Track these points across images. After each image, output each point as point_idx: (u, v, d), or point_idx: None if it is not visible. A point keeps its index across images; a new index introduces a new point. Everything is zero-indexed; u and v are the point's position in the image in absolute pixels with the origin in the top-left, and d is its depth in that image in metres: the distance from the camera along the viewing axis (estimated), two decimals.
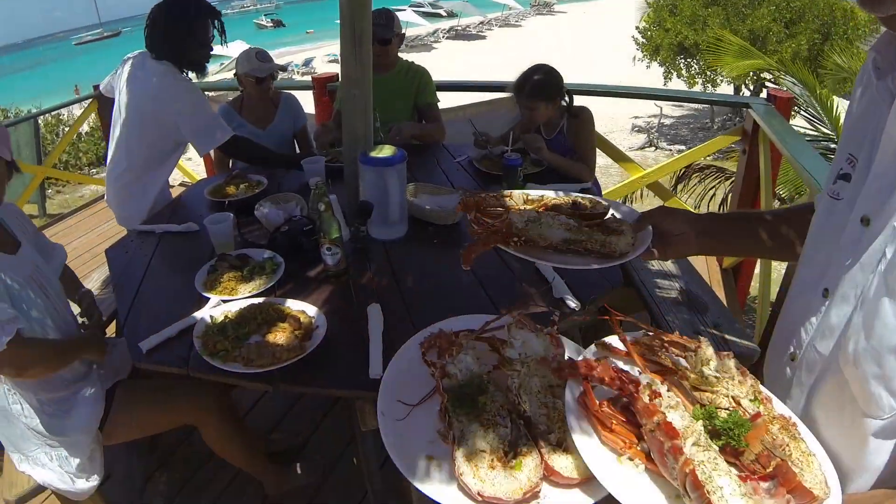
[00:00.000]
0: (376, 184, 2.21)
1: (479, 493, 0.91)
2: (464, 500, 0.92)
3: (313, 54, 34.61)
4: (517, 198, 1.28)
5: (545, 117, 2.97)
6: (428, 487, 0.95)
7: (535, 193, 1.31)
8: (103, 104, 5.94)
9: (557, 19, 40.48)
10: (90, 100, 6.11)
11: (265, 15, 71.08)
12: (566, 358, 1.12)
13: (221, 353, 1.71)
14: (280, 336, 1.74)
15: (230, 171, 3.35)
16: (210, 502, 2.49)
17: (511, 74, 3.05)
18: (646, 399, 0.94)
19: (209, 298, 2.00)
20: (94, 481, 2.01)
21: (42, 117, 9.02)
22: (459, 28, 38.34)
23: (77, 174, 7.66)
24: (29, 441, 1.95)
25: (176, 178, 6.26)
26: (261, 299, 1.94)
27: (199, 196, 2.92)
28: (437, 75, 3.61)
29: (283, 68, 3.54)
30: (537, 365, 1.09)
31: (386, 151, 2.20)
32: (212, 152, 3.11)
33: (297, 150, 3.69)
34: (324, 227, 1.98)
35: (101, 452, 2.04)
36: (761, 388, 1.03)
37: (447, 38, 36.68)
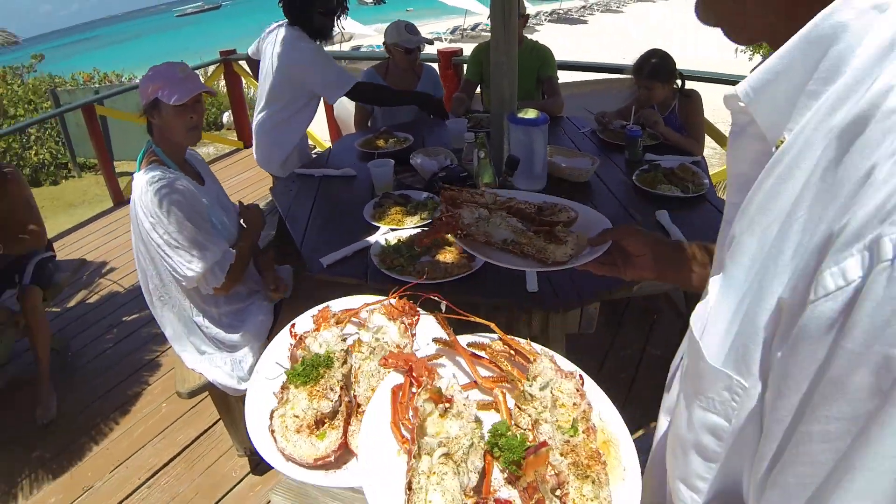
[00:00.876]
0: (522, 141, 2.49)
1: (281, 450, 0.99)
2: (273, 452, 1.00)
3: None
4: (487, 197, 1.34)
5: (661, 97, 3.22)
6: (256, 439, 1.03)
7: (505, 194, 1.36)
8: (228, 69, 6.65)
9: (658, 6, 39.32)
10: (216, 65, 6.70)
11: None
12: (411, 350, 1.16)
13: (398, 268, 2.03)
14: (449, 255, 2.05)
15: (370, 130, 3.72)
16: None
17: (613, 58, 3.31)
18: (416, 398, 0.95)
19: (378, 227, 2.35)
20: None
21: None
22: (561, 11, 37.86)
23: (210, 134, 8.36)
24: (207, 346, 2.32)
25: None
26: (417, 228, 2.29)
27: (348, 148, 3.38)
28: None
29: (430, 41, 3.88)
30: (381, 351, 1.14)
31: (531, 114, 2.48)
32: (353, 112, 3.61)
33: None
34: (481, 172, 2.29)
35: None
36: (597, 418, 0.99)
37: (549, 21, 36.32)
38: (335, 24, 3.40)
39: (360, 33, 24.20)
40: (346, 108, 4.88)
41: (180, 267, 2.10)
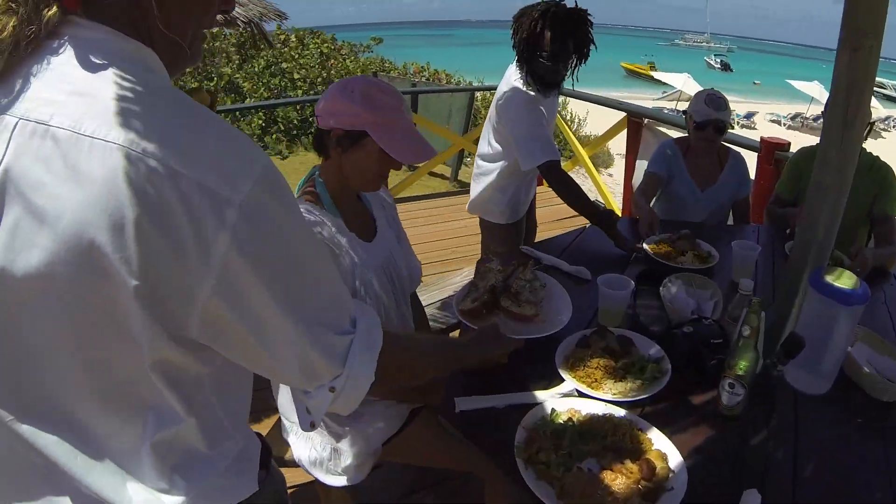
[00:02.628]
0: (818, 319, 1.64)
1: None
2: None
3: (756, 108, 31.89)
4: None
5: None
6: None
7: None
8: None
9: None
10: None
11: (715, 55, 69.88)
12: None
13: (540, 465, 1.37)
14: (620, 481, 1.31)
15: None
16: None
17: None
18: None
19: (563, 380, 1.68)
20: (343, 482, 1.84)
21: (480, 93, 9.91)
22: None
23: None
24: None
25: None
26: (623, 412, 1.55)
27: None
28: None
29: (726, 124, 2.97)
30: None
31: (845, 280, 1.61)
32: None
33: (731, 222, 3.20)
34: (737, 356, 1.50)
35: (374, 462, 1.85)
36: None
37: None
38: (564, 71, 2.69)
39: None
40: None
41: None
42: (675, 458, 1.39)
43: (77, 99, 0.68)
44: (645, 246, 2.46)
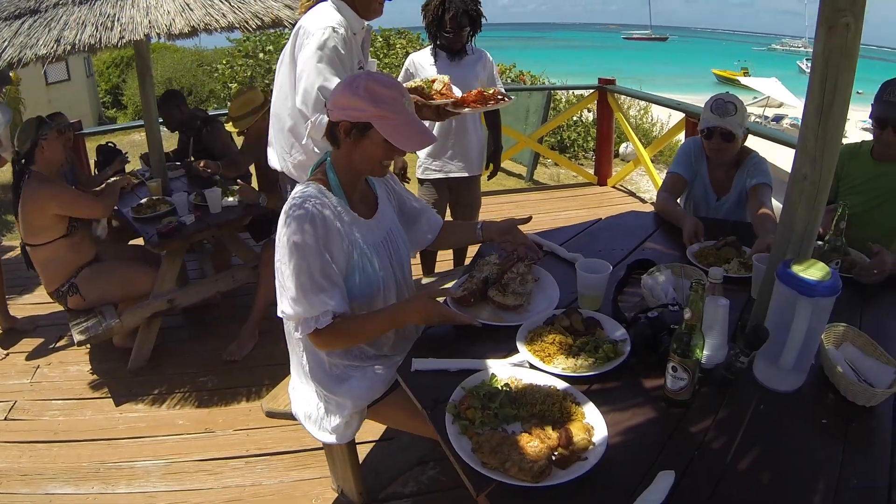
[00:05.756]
0: (785, 309, 1.58)
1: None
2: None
3: (849, 115, 30.04)
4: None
5: None
6: None
7: None
8: (602, 98, 6.43)
9: None
10: (593, 90, 6.46)
11: (807, 59, 65.39)
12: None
13: (464, 422, 1.45)
14: (534, 444, 1.34)
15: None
16: None
17: None
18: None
19: (518, 350, 1.72)
20: (332, 439, 2.00)
21: (558, 94, 9.85)
22: None
23: (557, 154, 7.99)
24: (311, 377, 2.00)
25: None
26: (565, 385, 1.57)
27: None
28: None
29: (732, 134, 2.74)
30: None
31: (816, 271, 1.54)
32: None
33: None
34: (680, 341, 1.48)
35: (360, 422, 2.02)
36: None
37: None
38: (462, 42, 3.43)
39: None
40: None
41: (277, 295, 1.81)
42: (600, 433, 1.41)
43: None
44: (688, 255, 2.37)
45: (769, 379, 1.65)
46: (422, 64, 3.52)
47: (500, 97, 2.52)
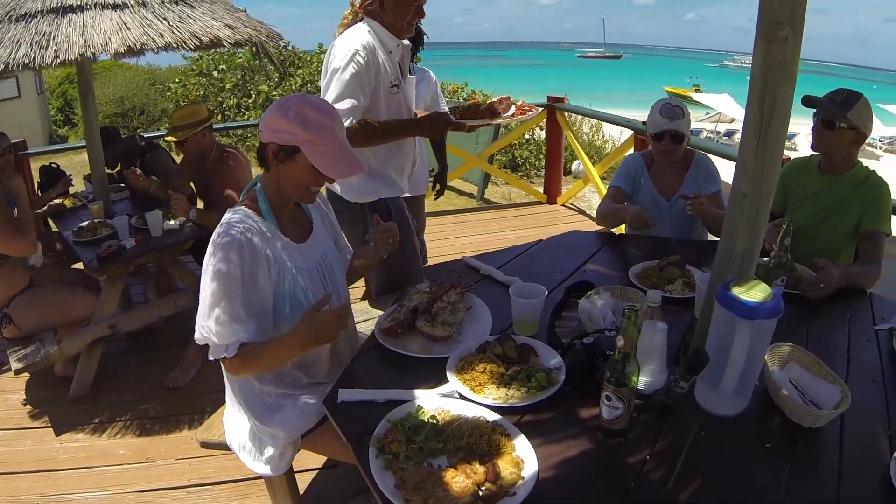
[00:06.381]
0: (725, 332, 1.53)
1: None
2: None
3: (800, 129, 30.72)
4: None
5: None
6: None
7: None
8: (551, 116, 6.33)
9: None
10: (542, 109, 6.34)
11: None
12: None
13: (388, 456, 1.37)
14: (459, 479, 1.27)
15: None
16: None
17: None
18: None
19: (448, 381, 1.64)
20: (267, 471, 1.92)
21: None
22: None
23: (506, 173, 8.04)
24: (243, 407, 1.93)
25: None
26: (496, 417, 1.49)
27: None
28: None
29: (682, 135, 2.89)
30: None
31: (757, 293, 1.49)
32: None
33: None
34: (614, 369, 1.42)
35: (294, 453, 1.95)
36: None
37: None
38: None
39: None
40: None
41: (197, 318, 1.74)
42: (531, 467, 1.34)
43: None
44: (630, 276, 2.33)
45: (711, 404, 1.59)
46: None
47: (527, 108, 2.68)
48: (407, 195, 3.49)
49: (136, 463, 2.81)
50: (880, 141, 26.92)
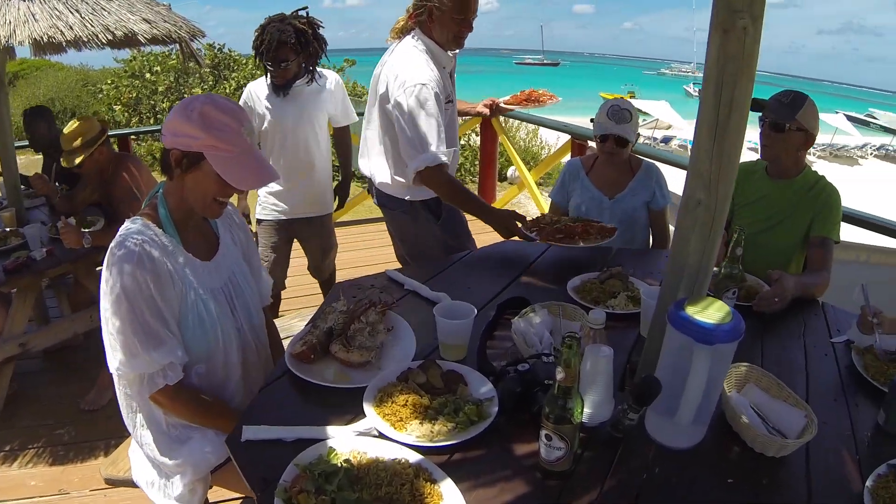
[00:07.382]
0: (679, 358, 1.36)
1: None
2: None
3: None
4: None
5: None
6: None
7: None
8: (486, 123, 6.24)
9: None
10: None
11: (694, 84, 69.60)
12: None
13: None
14: None
15: None
16: None
17: None
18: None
19: (364, 416, 1.45)
20: None
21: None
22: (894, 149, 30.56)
23: None
24: (150, 438, 1.75)
25: None
26: (418, 458, 1.30)
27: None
28: (850, 201, 2.63)
29: (626, 140, 2.85)
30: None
31: (714, 312, 1.34)
32: None
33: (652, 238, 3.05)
34: (554, 405, 1.24)
35: (206, 489, 1.78)
36: None
37: (876, 156, 29.53)
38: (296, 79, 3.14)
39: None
40: None
41: (107, 350, 1.57)
42: None
43: None
44: (569, 290, 2.17)
45: (664, 435, 1.44)
46: (258, 95, 3.24)
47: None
48: (311, 214, 3.38)
49: (48, 495, 2.63)
50: (814, 148, 28.08)
